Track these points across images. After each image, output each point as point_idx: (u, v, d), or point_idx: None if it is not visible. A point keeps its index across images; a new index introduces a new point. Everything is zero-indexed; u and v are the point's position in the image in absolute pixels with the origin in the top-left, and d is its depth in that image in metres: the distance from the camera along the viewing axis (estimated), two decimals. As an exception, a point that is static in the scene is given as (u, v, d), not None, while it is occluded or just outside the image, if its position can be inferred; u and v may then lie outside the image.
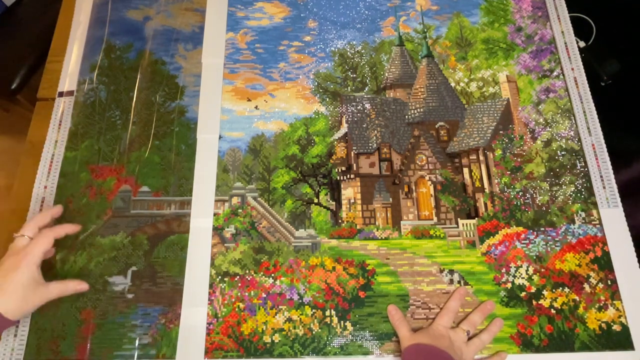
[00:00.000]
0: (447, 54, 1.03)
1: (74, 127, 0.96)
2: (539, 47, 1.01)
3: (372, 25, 1.06)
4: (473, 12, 1.06)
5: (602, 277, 0.81)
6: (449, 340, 0.73)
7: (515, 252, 0.85)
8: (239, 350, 0.78)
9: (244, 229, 0.89)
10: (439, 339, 0.73)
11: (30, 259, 0.71)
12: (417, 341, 0.73)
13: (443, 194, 0.92)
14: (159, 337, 0.79)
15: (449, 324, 0.77)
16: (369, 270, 0.85)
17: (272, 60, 1.03)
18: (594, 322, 0.78)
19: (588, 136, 0.92)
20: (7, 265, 0.70)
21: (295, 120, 0.98)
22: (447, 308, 0.79)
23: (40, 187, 0.91)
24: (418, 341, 0.73)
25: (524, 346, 0.78)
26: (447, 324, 0.77)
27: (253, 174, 0.94)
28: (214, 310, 0.81)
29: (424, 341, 0.72)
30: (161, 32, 1.05)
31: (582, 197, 0.88)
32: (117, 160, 0.93)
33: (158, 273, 0.85)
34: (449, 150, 0.97)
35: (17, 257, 0.70)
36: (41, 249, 0.72)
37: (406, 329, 0.76)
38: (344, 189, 0.94)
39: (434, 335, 0.74)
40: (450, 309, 0.79)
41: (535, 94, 0.97)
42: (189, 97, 0.98)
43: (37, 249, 0.72)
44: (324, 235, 0.88)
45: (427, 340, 0.73)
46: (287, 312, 0.81)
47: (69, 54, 1.03)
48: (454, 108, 0.99)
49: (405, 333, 0.76)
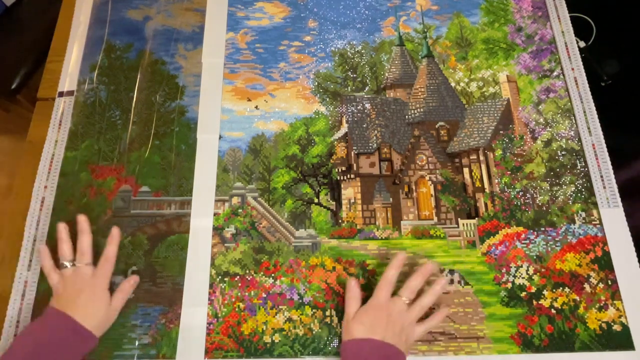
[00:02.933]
0: (448, 54, 1.03)
1: (74, 127, 0.96)
2: (539, 47, 1.01)
3: (372, 25, 1.06)
4: (473, 12, 1.06)
5: (603, 277, 0.81)
6: (386, 314, 0.72)
7: (515, 252, 0.85)
8: (239, 350, 0.78)
9: (244, 229, 0.89)
10: (378, 316, 0.71)
11: (104, 288, 0.77)
12: (352, 335, 0.71)
13: (443, 194, 0.92)
14: (159, 337, 0.79)
15: (388, 295, 0.74)
16: (369, 270, 0.85)
17: (272, 60, 1.03)
18: (595, 322, 0.78)
19: (588, 136, 0.92)
20: (87, 299, 0.74)
21: (296, 120, 0.98)
22: (384, 279, 0.76)
23: (40, 187, 0.91)
24: (352, 335, 0.71)
25: (524, 346, 0.78)
26: (386, 295, 0.74)
27: (253, 173, 0.94)
28: (214, 310, 0.81)
29: (360, 330, 0.70)
30: (161, 32, 1.05)
31: (582, 197, 0.88)
32: (117, 160, 0.93)
33: (158, 273, 0.84)
34: (449, 150, 0.97)
35: (93, 290, 0.75)
36: (110, 274, 0.79)
37: (354, 309, 0.74)
38: (344, 189, 0.94)
39: (373, 313, 0.72)
40: (387, 279, 0.76)
41: (536, 94, 0.97)
42: (189, 97, 0.98)
43: (107, 276, 0.78)
44: (324, 235, 0.88)
45: (364, 324, 0.71)
46: (287, 312, 0.81)
47: (69, 54, 1.03)
48: (454, 108, 0.99)
49: (350, 313, 0.74)
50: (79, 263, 0.77)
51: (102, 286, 0.76)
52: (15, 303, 0.82)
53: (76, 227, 0.81)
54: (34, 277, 0.84)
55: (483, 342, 0.79)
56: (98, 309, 0.74)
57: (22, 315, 0.81)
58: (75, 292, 0.74)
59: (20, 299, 0.82)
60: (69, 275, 0.76)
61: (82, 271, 0.76)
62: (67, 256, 0.77)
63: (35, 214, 0.88)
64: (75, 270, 0.77)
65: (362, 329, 0.71)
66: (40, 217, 0.88)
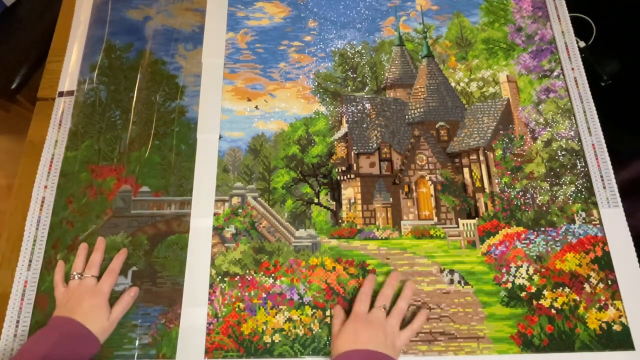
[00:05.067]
0: (448, 54, 1.03)
1: (74, 127, 0.96)
2: (539, 47, 1.01)
3: (372, 25, 1.06)
4: (473, 12, 1.06)
5: (603, 277, 0.81)
6: (367, 324, 0.74)
7: (515, 252, 0.85)
8: (239, 350, 0.78)
9: (244, 229, 0.89)
10: (359, 328, 0.73)
11: (106, 297, 0.78)
12: (339, 350, 0.72)
13: (443, 194, 0.92)
14: (159, 337, 0.79)
15: (366, 308, 0.77)
16: (369, 270, 0.85)
17: (272, 60, 1.03)
18: (595, 322, 0.78)
19: (588, 136, 0.92)
20: (88, 306, 0.76)
21: (296, 120, 0.98)
22: (361, 293, 0.79)
23: (40, 187, 0.91)
24: (339, 350, 0.72)
25: (524, 346, 0.78)
26: (364, 308, 0.77)
27: (253, 173, 0.94)
28: (214, 310, 0.81)
29: (346, 344, 0.72)
30: (161, 32, 1.05)
31: (582, 197, 0.88)
32: (117, 160, 0.93)
33: (158, 273, 0.84)
34: (449, 150, 0.97)
35: (94, 298, 0.77)
36: (112, 287, 0.80)
37: (338, 327, 0.76)
38: (344, 189, 0.94)
39: (354, 325, 0.74)
40: (364, 293, 0.78)
41: (536, 94, 0.97)
42: (189, 97, 0.98)
43: (109, 287, 0.80)
44: (324, 235, 0.88)
45: (349, 337, 0.72)
46: (287, 312, 0.81)
47: (69, 54, 1.03)
48: (454, 108, 0.99)
49: (335, 331, 0.76)
50: (85, 274, 0.80)
51: (103, 297, 0.78)
52: (15, 303, 0.82)
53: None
54: (34, 277, 0.84)
55: (483, 342, 0.79)
56: (99, 315, 0.76)
57: (22, 315, 0.81)
58: (77, 300, 0.76)
59: (20, 299, 0.82)
60: (73, 286, 0.79)
61: (86, 282, 0.79)
62: (77, 269, 0.81)
63: (35, 214, 0.88)
64: (80, 282, 0.79)
65: (349, 341, 0.72)
66: (40, 217, 0.88)
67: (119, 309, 0.79)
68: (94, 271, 0.80)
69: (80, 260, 0.82)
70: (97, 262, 0.82)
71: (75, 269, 0.81)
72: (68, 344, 0.71)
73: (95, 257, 0.82)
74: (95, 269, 0.81)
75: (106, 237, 0.86)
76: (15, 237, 0.87)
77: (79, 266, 0.81)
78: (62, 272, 0.82)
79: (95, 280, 0.80)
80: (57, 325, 0.73)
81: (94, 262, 0.81)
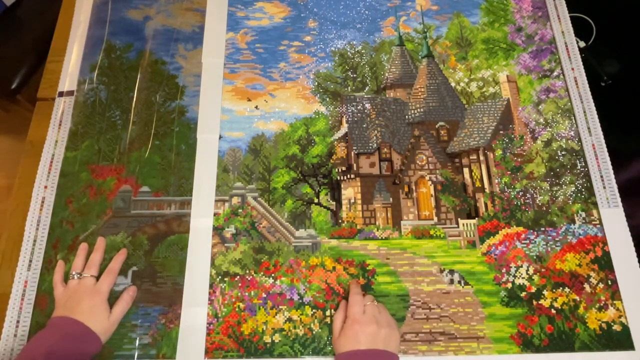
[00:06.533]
0: (447, 54, 1.03)
1: (74, 127, 0.96)
2: (539, 47, 1.01)
3: (372, 25, 1.06)
4: (473, 12, 1.06)
5: (603, 277, 0.81)
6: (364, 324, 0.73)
7: (515, 252, 0.85)
8: (239, 350, 0.78)
9: (244, 229, 0.89)
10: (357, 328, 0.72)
11: (104, 297, 0.78)
12: (340, 350, 0.73)
13: (443, 194, 0.92)
14: (159, 337, 0.79)
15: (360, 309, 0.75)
16: (369, 270, 0.85)
17: (272, 60, 1.03)
18: (595, 322, 0.78)
19: (588, 136, 0.92)
20: (87, 305, 0.76)
21: (296, 120, 0.98)
22: (353, 296, 0.77)
23: (40, 187, 0.91)
24: (340, 350, 0.73)
25: (524, 346, 0.78)
26: (359, 310, 0.75)
27: (253, 174, 0.94)
28: (214, 310, 0.81)
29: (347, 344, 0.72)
30: (161, 32, 1.05)
31: (582, 197, 0.88)
32: (117, 160, 0.93)
33: (158, 273, 0.84)
34: (449, 150, 0.97)
35: (92, 297, 0.77)
36: (111, 287, 0.80)
37: (338, 326, 0.76)
38: (344, 189, 0.94)
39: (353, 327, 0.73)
40: (356, 296, 0.77)
41: (536, 94, 0.97)
42: (189, 97, 0.98)
43: (107, 287, 0.79)
44: (324, 235, 0.88)
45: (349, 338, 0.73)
46: (287, 312, 0.81)
47: (69, 54, 1.03)
48: (454, 108, 0.99)
49: (336, 330, 0.76)
50: (84, 274, 0.80)
51: (101, 296, 0.78)
52: (15, 303, 0.82)
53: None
54: (34, 277, 0.84)
55: (483, 342, 0.79)
56: (99, 315, 0.76)
57: (22, 315, 0.81)
58: (76, 300, 0.76)
59: (20, 299, 0.82)
60: (72, 286, 0.79)
61: (85, 281, 0.79)
62: (77, 268, 0.81)
63: (35, 214, 0.88)
64: (79, 281, 0.79)
65: (349, 342, 0.72)
66: (40, 217, 0.88)
67: (119, 308, 0.78)
68: (93, 271, 0.80)
69: (80, 260, 0.82)
70: (96, 262, 0.82)
71: (74, 268, 0.81)
72: (70, 343, 0.71)
73: (94, 257, 0.82)
74: (95, 268, 0.81)
75: (106, 237, 0.86)
76: (15, 237, 0.87)
77: (78, 266, 0.81)
78: (62, 272, 0.82)
79: (94, 280, 0.79)
80: (58, 325, 0.73)
81: (93, 261, 0.81)
